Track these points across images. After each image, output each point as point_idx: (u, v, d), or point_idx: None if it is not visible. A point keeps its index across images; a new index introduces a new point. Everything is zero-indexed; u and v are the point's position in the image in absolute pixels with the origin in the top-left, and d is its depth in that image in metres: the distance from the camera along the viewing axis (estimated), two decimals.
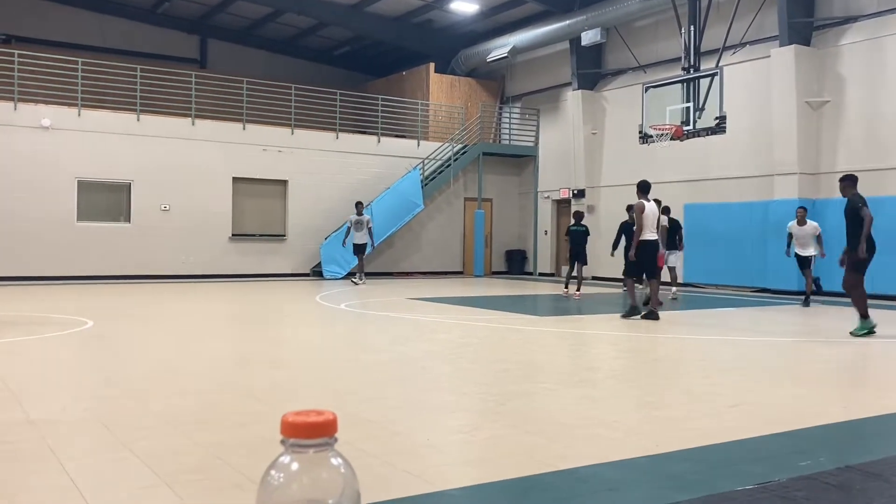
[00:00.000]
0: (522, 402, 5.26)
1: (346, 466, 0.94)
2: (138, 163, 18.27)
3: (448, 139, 22.26)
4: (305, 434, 0.92)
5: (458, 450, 4.16)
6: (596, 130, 21.09)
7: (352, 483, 0.93)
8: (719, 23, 16.30)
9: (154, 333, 9.03)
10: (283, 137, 20.14)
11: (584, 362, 7.26)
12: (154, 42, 23.69)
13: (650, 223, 10.66)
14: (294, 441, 0.92)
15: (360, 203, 17.92)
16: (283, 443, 0.94)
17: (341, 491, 0.92)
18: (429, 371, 6.59)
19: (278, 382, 5.99)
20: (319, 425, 0.93)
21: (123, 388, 5.63)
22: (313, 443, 0.92)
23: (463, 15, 22.36)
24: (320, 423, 0.93)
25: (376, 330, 9.62)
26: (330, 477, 0.92)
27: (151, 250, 18.43)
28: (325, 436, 0.92)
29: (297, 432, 0.92)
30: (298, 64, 25.80)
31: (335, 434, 0.94)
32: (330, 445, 0.94)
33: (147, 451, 3.84)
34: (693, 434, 4.39)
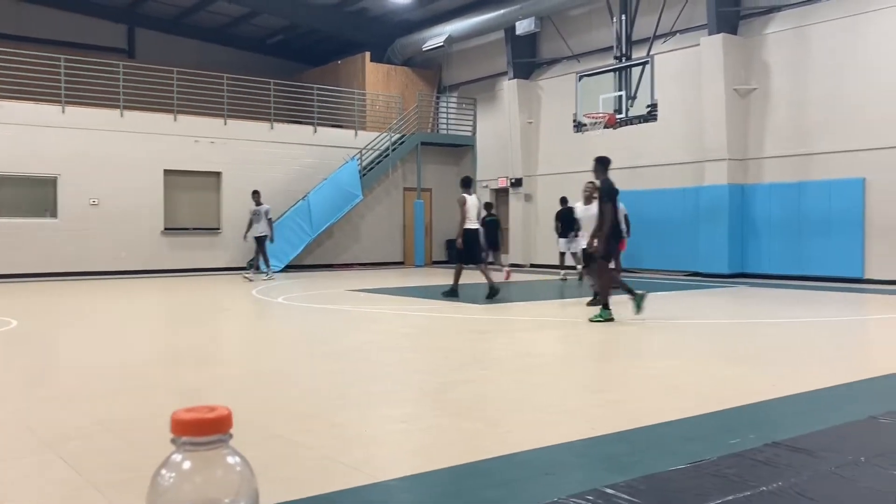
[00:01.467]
0: (462, 390, 5.27)
1: (243, 464, 0.90)
2: (65, 156, 17.64)
3: (386, 129, 22.13)
4: (198, 431, 0.87)
5: (398, 440, 4.14)
6: (532, 120, 21.25)
7: (249, 481, 0.90)
8: (650, 12, 16.58)
9: (83, 332, 8.75)
10: (215, 128, 19.71)
11: (522, 348, 7.31)
12: (79, 31, 22.89)
13: (472, 214, 11.94)
14: (186, 439, 0.87)
15: (256, 192, 16.82)
16: (175, 441, 0.89)
17: (237, 490, 0.88)
18: (368, 362, 6.55)
19: (213, 379, 5.87)
20: (212, 422, 0.88)
21: (49, 389, 5.44)
22: (206, 440, 0.88)
23: (398, 3, 22.20)
24: (213, 419, 0.88)
25: (315, 323, 9.52)
26: (225, 475, 0.88)
27: (80, 246, 17.84)
28: (219, 433, 0.88)
29: (188, 430, 0.87)
30: (231, 53, 25.27)
31: (230, 430, 0.90)
32: (224, 442, 0.89)
33: (74, 454, 3.71)
34: (629, 416, 4.47)
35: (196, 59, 23.68)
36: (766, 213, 16.19)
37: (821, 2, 15.33)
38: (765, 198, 16.24)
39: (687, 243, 17.25)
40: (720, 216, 16.45)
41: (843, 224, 14.87)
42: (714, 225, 16.60)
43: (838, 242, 14.94)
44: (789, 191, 15.76)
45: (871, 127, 14.51)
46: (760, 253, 16.31)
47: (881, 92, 14.34)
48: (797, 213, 15.64)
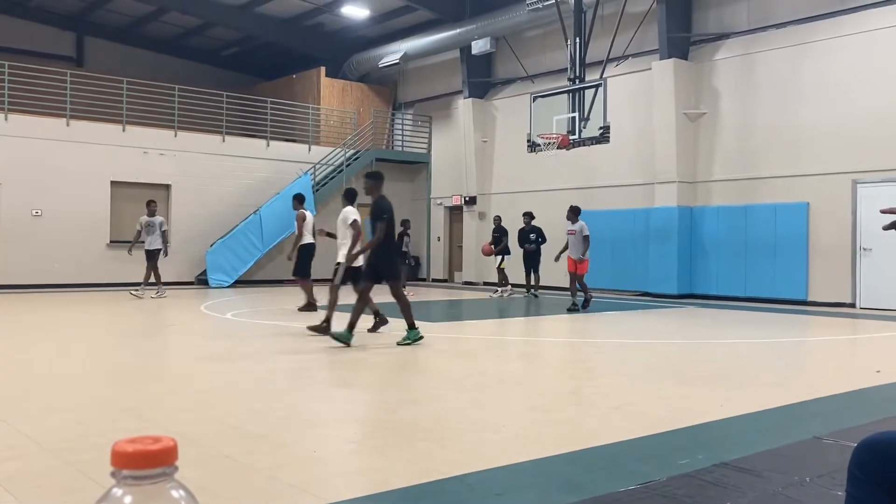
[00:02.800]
0: (412, 410, 5.21)
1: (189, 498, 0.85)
2: (6, 164, 17.14)
3: (340, 144, 22.03)
4: (140, 464, 0.81)
5: (347, 460, 4.06)
6: (486, 138, 21.39)
7: None
8: (604, 35, 16.86)
9: (20, 347, 8.45)
10: (165, 140, 19.37)
11: (473, 367, 7.29)
12: (25, 37, 22.34)
13: (309, 230, 12.70)
14: (128, 472, 0.81)
15: (151, 202, 15.55)
16: (115, 475, 0.83)
17: None
18: (317, 381, 6.45)
19: (157, 396, 5.70)
20: (156, 454, 0.82)
21: None
22: (149, 473, 0.82)
23: (354, 20, 22.20)
24: (157, 451, 0.82)
25: (263, 339, 9.36)
26: None
27: (21, 258, 17.30)
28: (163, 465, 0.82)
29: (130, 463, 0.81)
30: (183, 64, 24.94)
31: (175, 462, 0.84)
32: (169, 476, 0.84)
33: (9, 474, 3.55)
34: (580, 436, 4.46)
35: (148, 69, 23.31)
36: (714, 236, 16.52)
37: (768, 31, 15.78)
38: (713, 220, 16.57)
39: (637, 264, 17.49)
40: (670, 237, 16.73)
41: (787, 247, 15.24)
42: (664, 246, 16.87)
43: (783, 265, 15.30)
44: (736, 213, 16.11)
45: (815, 153, 14.94)
46: (708, 274, 16.61)
47: (825, 119, 14.79)
48: (744, 236, 15.99)
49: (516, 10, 18.85)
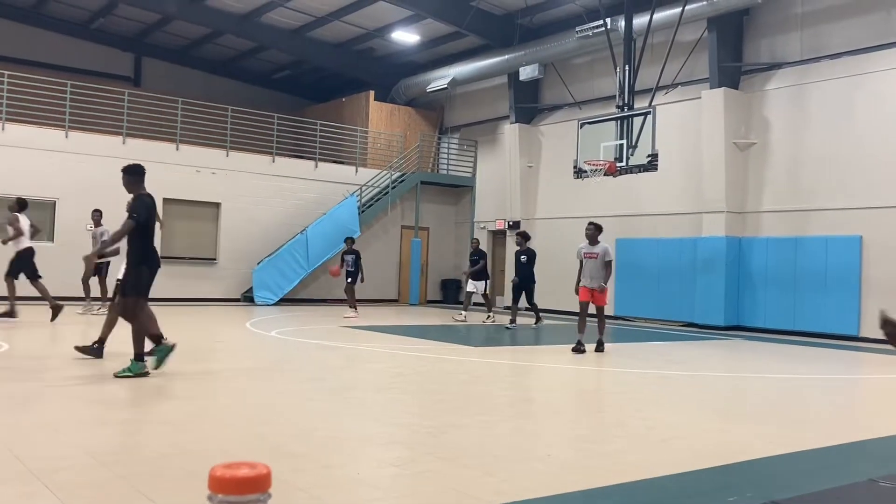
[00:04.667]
0: (457, 435, 5.20)
1: None
2: (65, 180, 17.66)
3: (386, 167, 22.25)
4: (235, 490, 0.83)
5: (391, 484, 4.07)
6: (532, 164, 21.39)
7: None
8: (653, 64, 16.80)
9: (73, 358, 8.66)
10: (217, 159, 19.78)
11: (519, 394, 7.25)
12: (87, 58, 23.08)
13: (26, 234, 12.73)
14: (223, 498, 0.83)
15: (96, 211, 14.96)
16: (211, 499, 0.85)
17: None
18: (361, 402, 6.48)
19: (203, 413, 5.79)
20: (251, 480, 0.84)
21: (37, 415, 5.35)
22: (244, 500, 0.84)
23: (404, 45, 22.49)
24: (252, 478, 0.84)
25: (307, 359, 9.44)
26: None
27: (76, 271, 17.72)
28: (258, 492, 0.84)
29: (226, 488, 0.83)
30: (236, 86, 25.50)
31: (268, 490, 0.86)
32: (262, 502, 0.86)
33: (61, 485, 3.64)
34: (627, 468, 4.41)
35: (202, 90, 23.87)
36: (763, 267, 16.23)
37: (820, 61, 15.56)
38: (762, 251, 16.29)
39: (683, 294, 17.25)
40: (717, 268, 16.49)
41: (839, 281, 14.89)
42: (711, 276, 16.62)
43: (834, 299, 14.95)
44: (786, 245, 15.82)
45: (869, 185, 14.62)
46: (756, 306, 16.30)
47: (879, 151, 14.48)
48: (793, 268, 15.67)
49: (565, 37, 18.91)
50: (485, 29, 20.69)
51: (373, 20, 21.01)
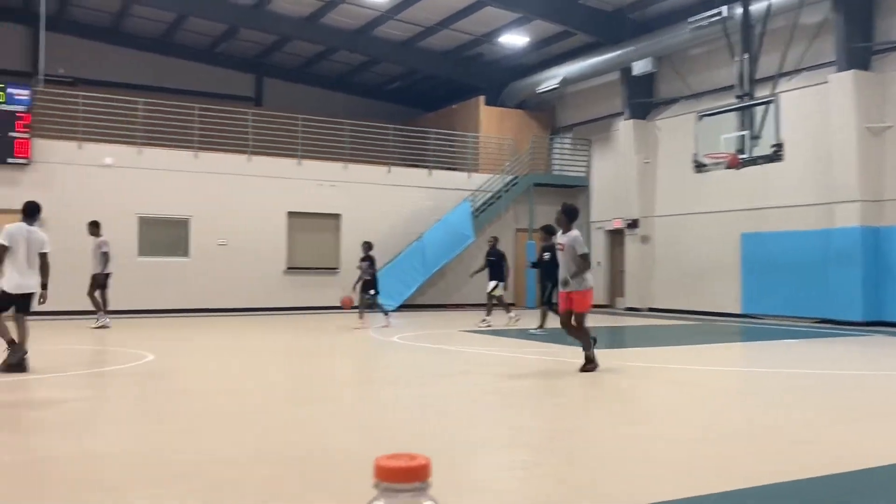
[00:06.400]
0: (578, 438, 5.16)
1: None
2: (196, 199, 18.73)
3: (499, 171, 22.31)
4: (399, 478, 0.92)
5: (515, 486, 4.09)
6: (649, 160, 20.90)
7: None
8: (774, 50, 16.06)
9: (211, 367, 9.16)
10: (336, 172, 20.45)
11: (639, 396, 7.10)
12: (211, 81, 24.38)
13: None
14: (387, 485, 0.92)
15: (92, 223, 14.68)
16: (376, 486, 0.93)
17: None
18: (482, 405, 6.53)
19: (332, 417, 5.99)
20: (413, 470, 0.93)
21: (179, 422, 5.70)
22: (406, 487, 0.92)
23: (513, 48, 22.51)
24: (413, 467, 0.93)
25: (429, 363, 9.59)
26: None
27: (209, 284, 18.78)
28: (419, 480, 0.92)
29: (390, 476, 0.92)
30: (351, 100, 26.25)
31: (429, 479, 0.94)
32: (423, 490, 0.93)
33: (204, 486, 3.87)
34: (754, 472, 4.24)
35: (319, 105, 24.71)
36: None
37: None
38: None
39: (816, 288, 16.37)
40: (852, 260, 15.55)
41: None
42: (846, 269, 15.69)
43: None
44: None
45: None
46: None
47: None
48: None
49: (678, 29, 18.38)
50: (594, 26, 20.41)
51: (481, 25, 21.14)
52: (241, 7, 20.57)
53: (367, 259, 15.06)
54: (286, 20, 21.17)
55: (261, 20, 21.07)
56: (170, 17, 21.78)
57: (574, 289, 8.30)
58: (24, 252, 7.99)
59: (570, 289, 8.31)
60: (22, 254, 7.97)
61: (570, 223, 8.48)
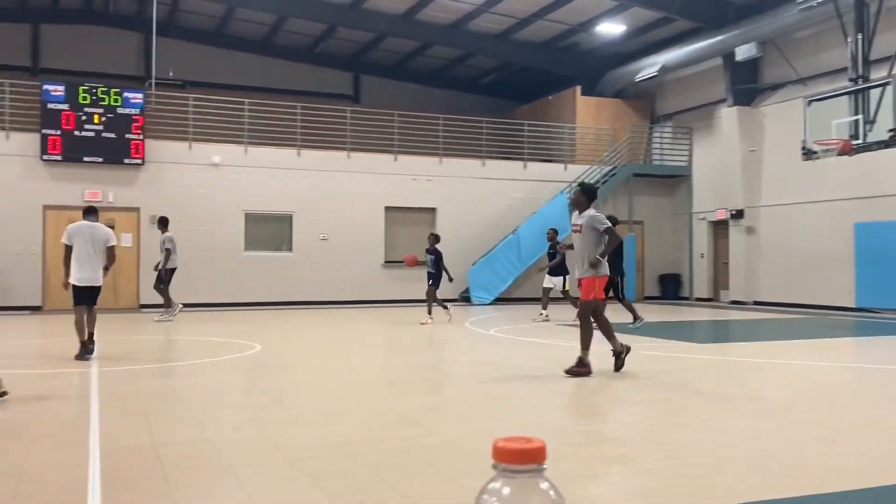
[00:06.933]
0: (682, 433, 5.06)
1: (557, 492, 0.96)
2: (299, 195, 19.31)
3: (596, 162, 22.00)
4: (516, 460, 0.95)
5: (617, 480, 4.05)
6: (754, 148, 20.15)
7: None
8: (890, 29, 15.20)
9: (315, 357, 9.45)
10: (431, 166, 20.65)
11: (747, 391, 6.89)
12: (312, 80, 25.01)
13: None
14: (505, 466, 0.95)
15: (160, 219, 14.94)
16: (495, 467, 0.97)
17: None
18: (583, 399, 6.48)
19: (432, 407, 6.09)
20: (530, 452, 0.96)
21: (290, 409, 5.92)
22: (524, 468, 0.95)
23: (609, 37, 22.11)
24: (530, 450, 0.96)
25: (527, 357, 9.59)
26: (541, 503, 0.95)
27: (311, 277, 19.34)
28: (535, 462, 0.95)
29: (508, 458, 0.95)
30: (446, 94, 26.41)
31: (544, 461, 0.97)
32: (539, 473, 0.96)
33: (314, 472, 4.01)
34: (873, 472, 4.05)
35: (414, 101, 24.99)
36: None
37: None
38: None
39: None
40: None
41: None
42: None
43: None
44: None
45: None
46: None
47: None
48: None
49: (785, 10, 17.61)
50: (695, 11, 19.81)
51: (577, 15, 20.87)
52: (338, 6, 21.02)
53: (433, 252, 14.49)
54: (382, 17, 21.49)
55: (358, 19, 21.47)
56: (271, 20, 22.46)
57: (584, 275, 7.63)
58: (88, 247, 8.58)
59: (582, 275, 7.65)
60: (85, 249, 8.57)
61: (588, 204, 7.80)
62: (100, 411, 5.59)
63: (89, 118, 17.44)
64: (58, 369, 8.04)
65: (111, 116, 17.63)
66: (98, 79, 19.79)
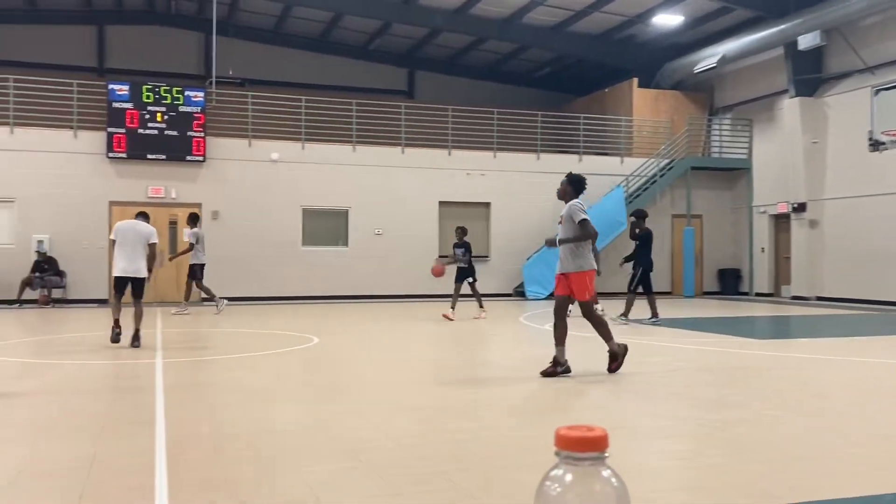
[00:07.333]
0: (744, 430, 4.99)
1: (619, 480, 0.98)
2: (354, 190, 19.53)
3: (653, 155, 21.69)
4: (578, 448, 0.97)
5: (676, 475, 4.02)
6: (817, 139, 19.60)
7: (624, 497, 0.96)
8: None
9: (372, 350, 9.57)
10: (485, 161, 20.64)
11: (811, 388, 6.74)
12: (367, 77, 25.21)
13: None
14: (567, 454, 0.97)
15: (190, 215, 15.06)
16: (557, 455, 0.99)
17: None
18: (641, 395, 6.43)
19: (487, 401, 6.11)
20: (592, 440, 0.97)
21: (347, 402, 6.01)
22: (586, 456, 0.97)
23: (666, 28, 21.75)
24: (592, 438, 0.98)
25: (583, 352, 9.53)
26: (602, 490, 0.96)
27: (366, 272, 19.55)
28: (597, 450, 0.97)
29: (570, 446, 0.97)
30: (500, 88, 26.33)
31: (606, 449, 0.99)
32: (602, 460, 0.98)
33: (374, 463, 4.08)
34: None
35: (468, 96, 24.99)
36: None
37: None
38: None
39: None
40: None
41: None
42: None
43: None
44: None
45: None
46: None
47: None
48: None
49: None
50: (756, 0, 19.36)
51: (633, 6, 20.58)
52: (393, 3, 21.14)
53: (462, 245, 14.05)
54: (437, 13, 21.54)
55: (412, 14, 21.56)
56: (327, 17, 22.71)
57: (570, 269, 7.20)
58: (129, 242, 9.22)
59: (566, 269, 7.23)
60: (126, 244, 9.23)
61: (576, 194, 7.55)
62: (164, 401, 5.77)
63: (152, 116, 17.94)
64: (124, 360, 8.32)
65: (173, 115, 18.10)
66: (160, 78, 20.33)
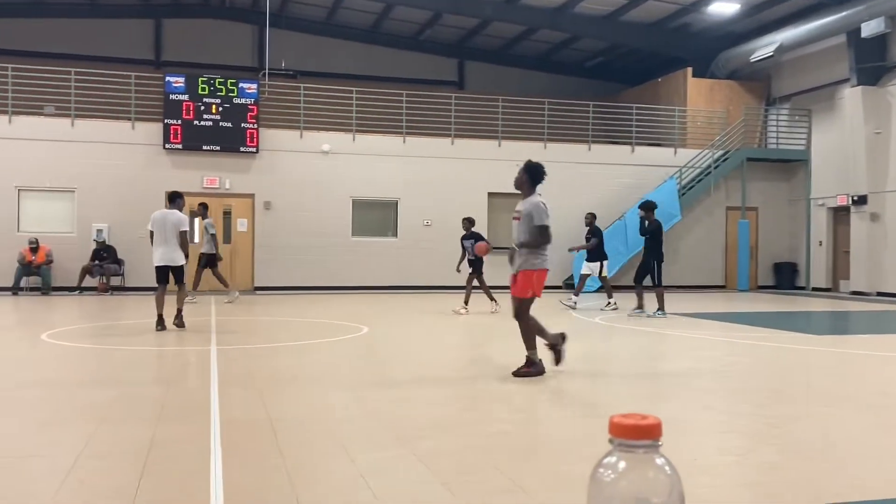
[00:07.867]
0: (799, 427, 4.88)
1: (672, 468, 0.96)
2: (404, 181, 19.60)
3: (708, 146, 21.28)
4: (632, 435, 0.96)
5: (730, 472, 3.96)
6: (880, 130, 19.00)
7: (677, 485, 0.95)
8: None
9: (421, 340, 9.62)
10: (536, 152, 20.41)
11: (871, 386, 6.55)
12: (417, 68, 25.25)
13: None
14: (621, 441, 0.96)
15: (199, 204, 15.03)
16: (611, 442, 0.98)
17: (668, 491, 0.95)
18: (695, 390, 6.34)
19: (537, 393, 6.09)
20: (645, 428, 0.97)
21: (397, 390, 6.05)
22: (639, 444, 0.96)
23: (722, 16, 21.28)
24: (646, 426, 0.97)
25: (634, 346, 9.43)
26: (656, 477, 0.96)
27: (415, 263, 19.63)
28: (651, 438, 0.96)
29: (624, 433, 0.96)
30: (551, 78, 26.12)
31: (660, 437, 0.97)
32: (655, 448, 0.97)
33: (423, 451, 4.10)
34: None
35: (519, 86, 24.84)
36: None
37: None
38: None
39: None
40: None
41: None
42: None
43: None
44: None
45: None
46: None
47: None
48: None
49: None
50: None
51: None
52: None
53: (471, 236, 13.54)
54: (487, 3, 21.43)
55: (463, 5, 21.49)
56: (378, 8, 22.78)
57: (519, 267, 6.75)
58: (161, 232, 9.60)
59: (516, 268, 6.77)
60: (160, 233, 9.62)
61: (533, 186, 7.03)
62: (219, 387, 5.88)
63: (207, 108, 18.26)
64: (179, 347, 8.51)
65: (227, 106, 18.39)
66: (215, 70, 20.66)
